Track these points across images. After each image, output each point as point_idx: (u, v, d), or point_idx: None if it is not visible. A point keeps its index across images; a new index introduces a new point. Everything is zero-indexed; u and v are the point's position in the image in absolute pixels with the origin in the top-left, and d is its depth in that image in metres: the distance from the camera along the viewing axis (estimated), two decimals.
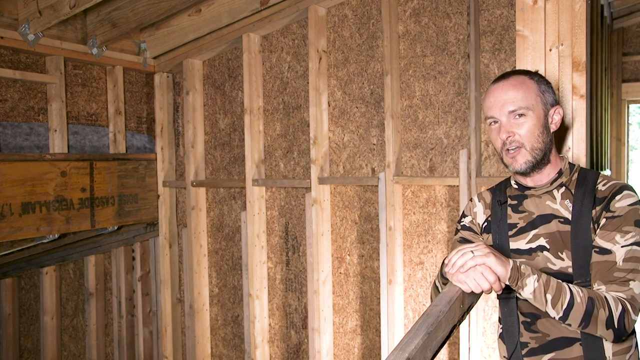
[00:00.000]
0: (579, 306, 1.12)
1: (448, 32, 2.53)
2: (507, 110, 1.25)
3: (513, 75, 1.30)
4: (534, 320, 1.29)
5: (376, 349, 2.77)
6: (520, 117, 1.25)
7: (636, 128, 14.66)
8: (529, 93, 1.26)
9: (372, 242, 2.76)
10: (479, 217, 1.44)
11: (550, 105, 1.29)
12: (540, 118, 1.26)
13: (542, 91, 1.27)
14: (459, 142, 2.53)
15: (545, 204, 1.30)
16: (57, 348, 3.72)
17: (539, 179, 1.31)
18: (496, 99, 1.27)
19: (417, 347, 0.92)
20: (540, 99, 1.27)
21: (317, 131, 2.79)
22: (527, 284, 1.14)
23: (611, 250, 1.17)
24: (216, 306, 3.35)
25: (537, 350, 1.29)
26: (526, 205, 1.32)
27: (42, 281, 3.64)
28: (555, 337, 1.26)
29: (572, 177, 1.30)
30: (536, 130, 1.25)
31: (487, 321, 2.43)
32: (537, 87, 1.27)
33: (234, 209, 3.24)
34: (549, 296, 1.13)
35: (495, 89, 1.29)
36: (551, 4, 1.65)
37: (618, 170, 4.69)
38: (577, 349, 1.23)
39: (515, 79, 1.28)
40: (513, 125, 1.25)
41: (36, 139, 2.79)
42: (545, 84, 1.30)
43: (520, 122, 1.25)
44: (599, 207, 1.22)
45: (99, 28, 2.89)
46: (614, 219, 1.18)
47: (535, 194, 1.31)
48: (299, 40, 2.94)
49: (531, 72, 1.31)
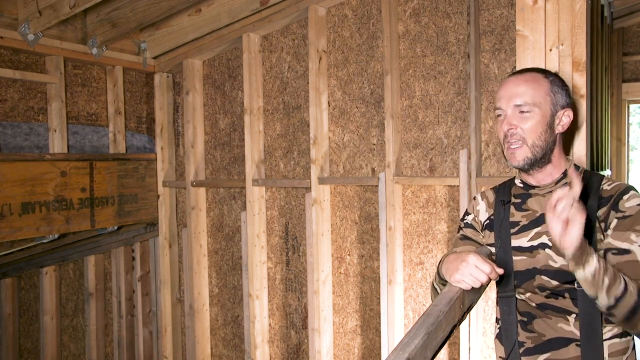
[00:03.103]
0: (630, 297, 1.09)
1: (448, 32, 2.53)
2: (513, 104, 1.27)
3: (529, 71, 1.32)
4: (530, 320, 1.29)
5: (376, 349, 2.77)
6: (526, 112, 1.26)
7: (636, 128, 14.66)
8: (539, 90, 1.27)
9: (372, 242, 2.76)
10: (481, 214, 1.45)
11: (560, 107, 1.29)
12: (545, 117, 1.26)
13: (554, 91, 1.28)
14: (459, 142, 2.53)
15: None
16: (57, 348, 3.72)
17: (542, 178, 1.31)
18: (506, 91, 1.29)
19: (417, 347, 0.92)
20: (550, 99, 1.27)
21: (317, 131, 2.79)
22: (589, 262, 1.07)
23: (630, 250, 1.16)
24: (216, 306, 3.35)
25: (532, 350, 1.29)
26: (530, 204, 1.33)
27: (42, 281, 3.64)
28: (551, 337, 1.26)
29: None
30: (539, 128, 1.26)
31: (487, 321, 2.43)
32: (549, 86, 1.28)
33: (234, 209, 3.24)
34: (607, 280, 1.08)
35: (508, 81, 1.31)
36: (551, 4, 1.65)
37: (618, 170, 4.69)
38: (572, 349, 1.23)
39: (529, 75, 1.30)
40: (517, 118, 1.27)
41: (36, 139, 2.79)
42: (560, 85, 1.30)
43: (525, 117, 1.26)
44: (605, 207, 1.21)
45: (98, 28, 2.88)
46: (626, 219, 1.18)
47: (540, 193, 1.32)
48: (299, 40, 2.94)
49: (548, 72, 1.33)
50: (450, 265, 1.21)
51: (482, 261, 1.13)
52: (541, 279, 1.27)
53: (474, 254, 1.16)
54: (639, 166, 13.88)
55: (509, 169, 2.41)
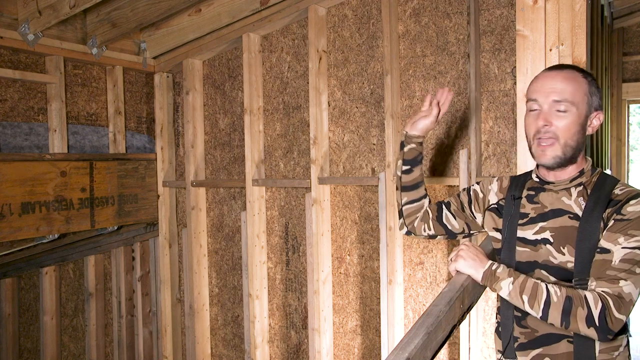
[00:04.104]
0: (557, 305, 1.15)
1: (448, 32, 2.53)
2: (551, 99, 1.24)
3: (568, 68, 1.29)
4: (524, 315, 1.31)
5: (376, 349, 2.77)
6: (563, 111, 1.24)
7: (636, 128, 14.66)
8: (578, 90, 1.25)
9: (372, 242, 2.76)
10: (491, 195, 1.47)
11: (594, 109, 1.28)
12: (581, 117, 1.25)
13: (591, 93, 1.27)
14: (459, 142, 2.53)
15: (560, 200, 1.30)
16: (56, 348, 3.72)
17: (560, 175, 1.31)
18: (544, 85, 1.26)
19: (417, 347, 0.92)
20: (587, 99, 1.26)
21: (317, 131, 2.79)
22: (502, 287, 1.22)
23: (610, 250, 1.17)
24: (216, 306, 3.35)
25: (526, 345, 1.30)
26: (541, 198, 1.33)
27: (42, 281, 3.64)
28: (543, 333, 1.28)
29: (592, 179, 1.29)
30: (573, 128, 1.24)
31: (487, 321, 2.43)
32: (588, 87, 1.26)
33: (234, 209, 3.24)
34: (525, 297, 1.19)
35: (546, 75, 1.28)
36: (551, 4, 1.65)
37: (618, 170, 4.69)
38: (564, 345, 1.25)
39: (569, 73, 1.27)
40: (553, 115, 1.24)
41: (36, 139, 2.79)
42: (596, 87, 1.29)
43: (562, 115, 1.24)
44: (610, 209, 1.21)
45: (98, 28, 2.88)
46: (623, 221, 1.18)
47: (554, 189, 1.31)
48: (299, 40, 2.94)
49: (586, 72, 1.30)
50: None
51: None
52: (541, 273, 1.28)
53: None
54: (639, 166, 13.88)
55: (509, 168, 2.41)
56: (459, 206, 1.55)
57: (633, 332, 4.81)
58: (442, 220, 1.57)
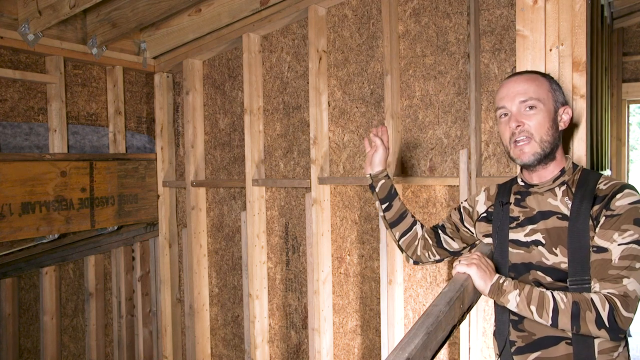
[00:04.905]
0: (565, 311, 1.16)
1: (448, 32, 2.53)
2: (518, 101, 1.28)
3: (526, 72, 1.36)
4: (521, 319, 1.31)
5: (376, 349, 2.77)
6: (531, 108, 1.27)
7: (636, 128, 14.66)
8: (540, 87, 1.30)
9: (372, 242, 2.76)
10: (479, 205, 1.52)
11: (560, 104, 1.32)
12: (550, 112, 1.29)
13: (553, 89, 1.32)
14: (459, 142, 2.53)
15: (546, 201, 1.32)
16: (56, 348, 3.72)
17: (543, 175, 1.33)
18: (509, 90, 1.31)
19: (417, 347, 0.92)
20: (552, 95, 1.30)
21: (317, 131, 2.79)
22: (509, 300, 1.22)
23: (608, 248, 1.18)
24: (216, 306, 3.35)
25: (523, 349, 1.31)
26: (528, 201, 1.35)
27: (41, 281, 3.64)
28: (540, 336, 1.28)
29: (575, 177, 1.31)
30: (546, 124, 1.28)
31: (487, 321, 2.43)
32: (549, 84, 1.32)
33: (234, 209, 3.24)
34: (533, 307, 1.19)
35: (508, 81, 1.34)
36: (551, 4, 1.65)
37: (618, 170, 4.69)
38: (562, 347, 1.25)
39: (528, 75, 1.33)
40: (523, 115, 1.28)
41: (36, 139, 2.79)
42: (557, 84, 1.34)
43: (531, 113, 1.28)
44: (598, 205, 1.23)
45: (98, 28, 2.88)
46: (613, 217, 1.19)
47: (539, 192, 1.34)
48: (299, 40, 2.94)
49: (544, 73, 1.37)
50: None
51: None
52: (536, 274, 1.29)
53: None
54: (639, 166, 13.88)
55: (509, 168, 2.41)
56: (453, 227, 1.60)
57: (633, 332, 4.80)
58: (442, 245, 1.63)
